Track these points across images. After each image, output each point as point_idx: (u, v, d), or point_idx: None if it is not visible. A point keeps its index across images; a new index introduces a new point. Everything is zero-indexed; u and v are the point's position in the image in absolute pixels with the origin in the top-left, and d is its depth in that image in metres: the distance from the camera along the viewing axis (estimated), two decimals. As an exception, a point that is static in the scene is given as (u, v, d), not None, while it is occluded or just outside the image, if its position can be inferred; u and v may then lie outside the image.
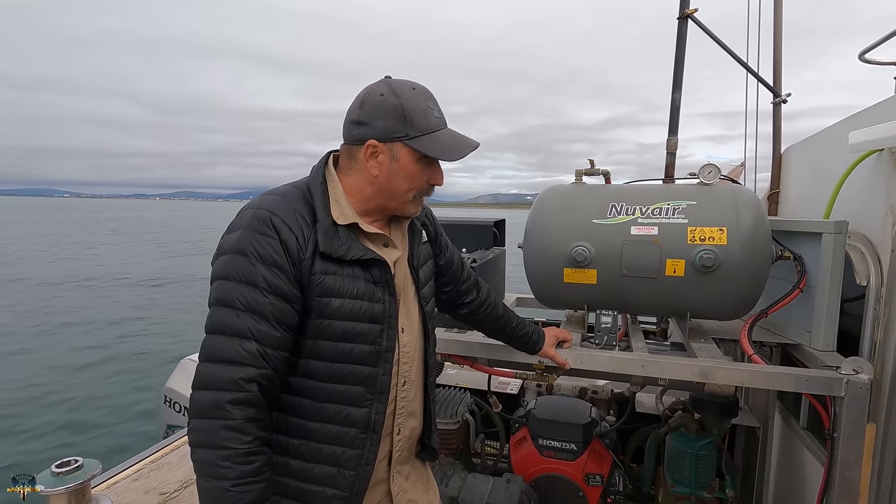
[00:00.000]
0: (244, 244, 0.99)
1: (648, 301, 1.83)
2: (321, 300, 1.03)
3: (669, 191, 1.83)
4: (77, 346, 9.60)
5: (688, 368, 1.59)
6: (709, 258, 1.64)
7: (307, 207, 1.06)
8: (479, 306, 1.49)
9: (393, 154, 1.07)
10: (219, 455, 0.92)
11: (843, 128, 2.02)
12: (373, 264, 1.08)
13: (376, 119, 1.05)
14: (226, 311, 0.97)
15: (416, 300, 1.21)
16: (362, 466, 1.09)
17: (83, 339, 10.13)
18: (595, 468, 2.13)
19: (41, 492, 1.45)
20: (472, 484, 2.06)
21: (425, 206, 1.35)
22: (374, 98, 1.06)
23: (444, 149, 1.07)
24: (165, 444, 2.20)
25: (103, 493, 1.80)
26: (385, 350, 1.10)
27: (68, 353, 9.22)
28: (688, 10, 2.43)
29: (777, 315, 1.84)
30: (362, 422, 1.08)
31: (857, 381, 1.44)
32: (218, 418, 0.93)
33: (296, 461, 1.08)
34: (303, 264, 1.01)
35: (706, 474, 2.03)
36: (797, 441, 2.13)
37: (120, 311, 12.75)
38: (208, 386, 0.96)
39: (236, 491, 0.92)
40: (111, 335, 10.50)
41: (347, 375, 1.07)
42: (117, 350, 9.47)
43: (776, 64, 2.59)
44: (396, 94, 1.05)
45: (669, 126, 2.48)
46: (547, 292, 1.96)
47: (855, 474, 1.47)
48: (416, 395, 1.22)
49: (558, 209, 1.89)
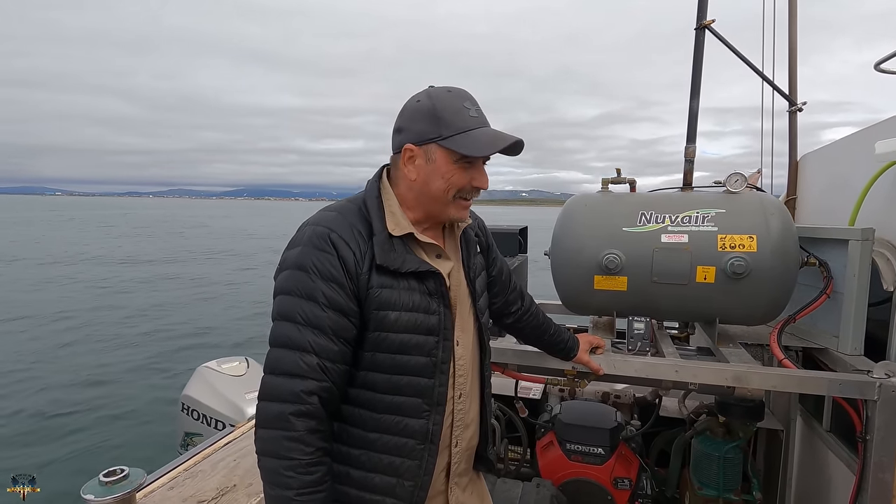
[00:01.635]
0: (304, 260, 1.02)
1: (678, 307, 1.87)
2: (378, 313, 1.05)
3: (697, 199, 1.87)
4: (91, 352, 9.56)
5: (721, 373, 1.62)
6: (740, 265, 1.68)
7: (363, 222, 1.08)
8: (522, 315, 1.51)
9: (428, 156, 1.07)
10: (283, 465, 0.96)
11: (862, 137, 2.07)
12: (428, 276, 1.10)
13: (412, 124, 1.08)
14: (287, 325, 1.01)
15: (471, 312, 1.22)
16: (421, 477, 1.10)
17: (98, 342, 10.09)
18: (623, 472, 2.16)
19: (91, 501, 1.46)
20: (501, 489, 2.09)
21: (478, 218, 1.36)
22: (411, 104, 1.09)
23: (479, 145, 1.05)
24: (196, 451, 2.21)
25: (141, 501, 1.81)
26: (441, 361, 1.11)
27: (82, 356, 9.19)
28: (705, 21, 2.47)
29: (802, 320, 1.87)
30: (420, 432, 1.09)
31: (890, 384, 1.47)
32: (282, 429, 0.97)
33: (356, 471, 1.09)
34: (360, 279, 1.03)
35: (733, 477, 2.06)
36: (820, 443, 2.16)
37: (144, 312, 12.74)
38: (273, 398, 0.99)
39: (299, 500, 0.96)
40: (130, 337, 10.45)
41: (405, 387, 1.08)
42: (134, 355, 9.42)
43: (791, 72, 2.64)
44: (431, 97, 1.07)
45: (688, 134, 2.52)
46: (576, 299, 2.00)
47: (888, 476, 1.50)
48: (473, 406, 1.23)
49: (588, 217, 1.93)
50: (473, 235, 1.28)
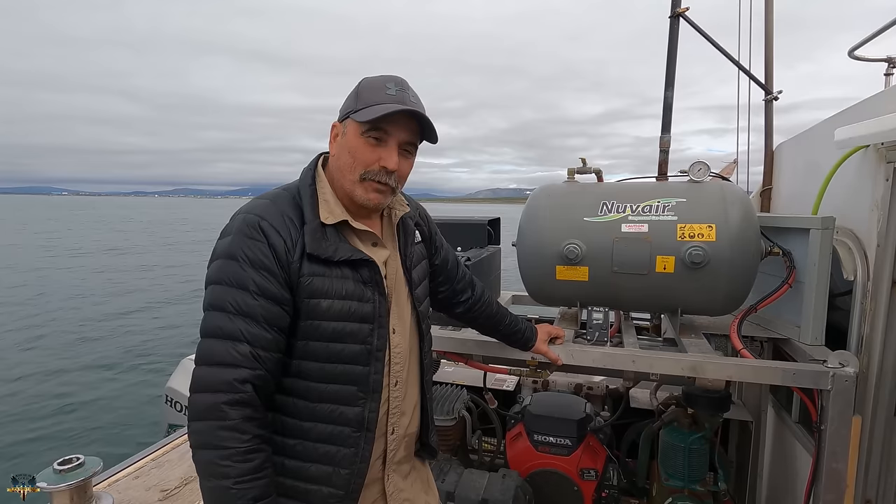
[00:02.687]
0: (234, 249, 1.01)
1: (640, 297, 1.86)
2: (310, 301, 1.04)
3: (660, 188, 1.85)
4: (77, 344, 9.66)
5: (677, 363, 1.62)
6: (698, 254, 1.66)
7: (296, 210, 1.08)
8: (473, 305, 1.51)
9: (344, 130, 1.10)
10: (219, 455, 0.94)
11: (832, 124, 2.04)
12: (362, 264, 1.09)
13: (343, 106, 1.12)
14: (218, 315, 1.00)
15: (408, 300, 1.22)
16: (357, 464, 1.10)
17: (84, 337, 10.18)
18: (589, 463, 2.16)
19: (43, 489, 1.47)
20: (468, 479, 2.09)
21: (420, 207, 1.36)
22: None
23: (372, 111, 1.02)
24: (166, 442, 2.23)
25: (105, 490, 1.83)
26: (376, 349, 1.10)
27: (67, 350, 9.28)
28: (679, 8, 2.45)
29: (767, 310, 1.86)
30: (356, 420, 1.09)
31: (843, 374, 1.47)
32: (216, 419, 0.95)
33: (292, 460, 1.09)
34: (291, 267, 1.03)
35: (699, 468, 2.06)
36: (789, 435, 2.15)
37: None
38: (205, 388, 0.98)
39: (238, 489, 0.94)
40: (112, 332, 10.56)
41: (339, 375, 1.08)
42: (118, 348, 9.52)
43: (767, 61, 2.61)
44: (362, 81, 1.10)
45: (662, 124, 2.50)
46: (540, 289, 1.99)
47: (842, 465, 1.49)
48: (410, 394, 1.23)
49: (551, 207, 1.91)
50: (413, 224, 1.28)
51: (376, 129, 1.05)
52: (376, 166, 1.08)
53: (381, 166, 1.08)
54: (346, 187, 1.10)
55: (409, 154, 1.14)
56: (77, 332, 10.58)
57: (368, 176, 1.08)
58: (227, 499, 0.94)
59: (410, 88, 1.09)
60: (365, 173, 1.08)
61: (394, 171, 1.08)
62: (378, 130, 1.06)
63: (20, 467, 5.03)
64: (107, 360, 8.87)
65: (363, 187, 1.09)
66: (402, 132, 1.08)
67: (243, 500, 0.94)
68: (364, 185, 1.09)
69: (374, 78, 1.10)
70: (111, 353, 9.25)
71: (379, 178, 1.08)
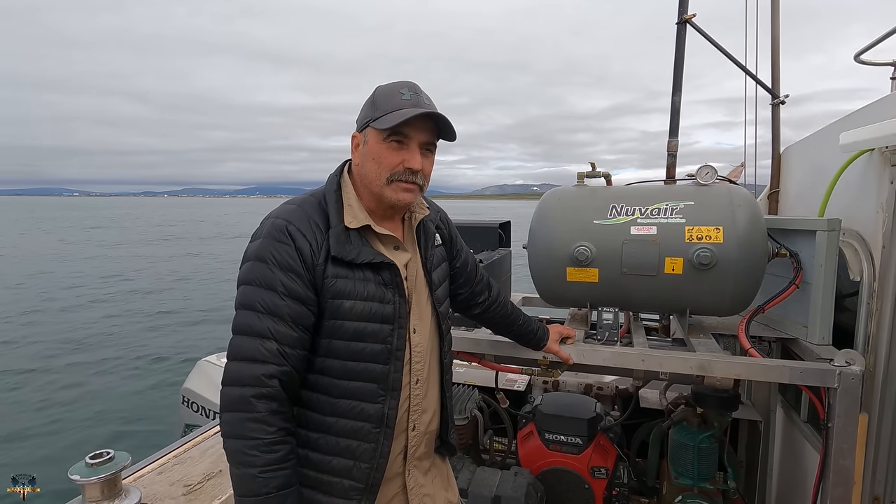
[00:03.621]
0: (263, 252, 1.08)
1: (649, 298, 1.90)
2: (333, 302, 1.10)
3: (668, 192, 1.89)
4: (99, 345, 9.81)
5: (685, 362, 1.65)
6: (705, 256, 1.70)
7: (321, 215, 1.14)
8: (490, 306, 1.55)
9: (365, 140, 1.15)
10: (246, 445, 1.01)
11: (839, 127, 2.07)
12: (383, 267, 1.14)
13: (359, 115, 1.17)
14: (248, 314, 1.06)
15: (429, 302, 1.27)
16: (377, 459, 1.15)
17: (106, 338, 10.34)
18: (600, 461, 2.19)
19: (76, 481, 1.54)
20: (480, 476, 2.14)
21: (441, 210, 1.41)
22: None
23: (393, 118, 1.07)
24: (188, 440, 2.29)
25: (132, 484, 1.90)
26: (396, 349, 1.15)
27: (90, 351, 9.44)
28: (686, 15, 2.49)
29: (775, 310, 1.90)
30: (376, 417, 1.14)
31: (850, 372, 1.50)
32: (244, 411, 1.02)
33: (315, 453, 1.15)
34: (316, 269, 1.09)
35: (708, 467, 2.09)
36: (798, 434, 2.18)
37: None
38: (235, 382, 1.04)
39: (263, 477, 1.00)
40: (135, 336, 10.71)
41: (360, 373, 1.13)
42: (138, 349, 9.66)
43: (774, 65, 2.64)
44: (376, 89, 1.16)
45: (670, 128, 2.54)
46: (551, 291, 2.04)
47: (849, 462, 1.52)
48: (431, 392, 1.27)
49: (561, 210, 1.96)
50: (434, 227, 1.33)
51: (397, 133, 1.11)
52: (401, 168, 1.13)
53: (406, 167, 1.13)
54: (375, 191, 1.15)
55: (430, 153, 1.19)
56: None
57: (395, 177, 1.13)
58: (253, 485, 1.00)
59: (423, 91, 1.15)
60: (391, 176, 1.13)
61: (419, 170, 1.14)
62: (399, 135, 1.11)
63: (43, 465, 5.14)
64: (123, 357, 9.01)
65: (392, 189, 1.14)
66: (421, 134, 1.13)
67: (267, 488, 1.00)
68: (392, 186, 1.14)
69: (387, 86, 1.15)
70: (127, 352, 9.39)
71: (405, 178, 1.14)
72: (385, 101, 1.12)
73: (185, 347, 9.86)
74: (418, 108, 1.10)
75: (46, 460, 5.30)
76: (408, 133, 1.12)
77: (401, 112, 1.08)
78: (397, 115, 1.08)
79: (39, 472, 1.67)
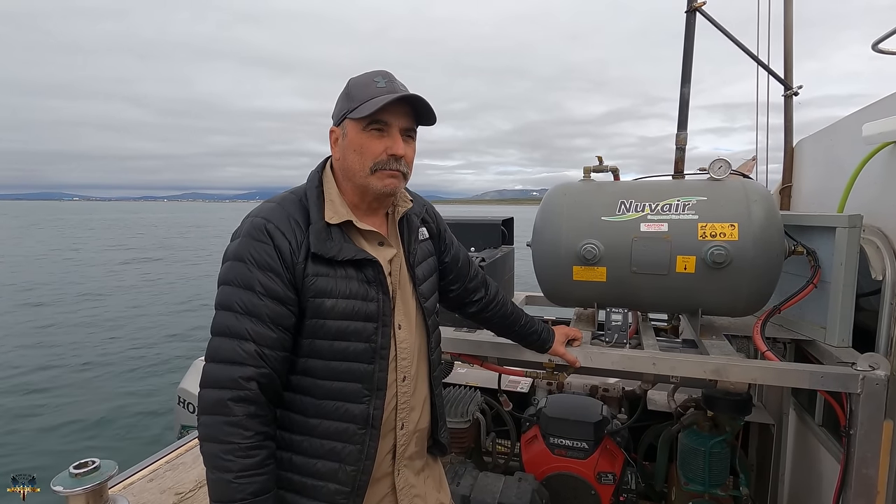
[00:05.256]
0: (242, 251, 1.04)
1: (659, 298, 1.82)
2: (315, 301, 1.06)
3: (679, 186, 1.81)
4: (89, 347, 9.76)
5: (700, 366, 1.58)
6: (720, 254, 1.62)
7: (302, 212, 1.10)
8: (487, 304, 1.49)
9: (343, 132, 1.11)
10: (222, 449, 0.97)
11: (855, 120, 1.99)
12: (366, 264, 1.11)
13: (334, 109, 1.14)
14: (227, 315, 1.03)
15: (413, 297, 1.22)
16: (363, 461, 1.11)
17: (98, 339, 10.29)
18: (607, 466, 2.12)
19: (60, 492, 1.47)
20: (483, 482, 2.06)
21: (427, 204, 1.36)
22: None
23: (372, 104, 1.05)
24: (180, 444, 2.23)
25: (120, 493, 1.82)
26: (381, 347, 1.12)
27: (81, 352, 9.38)
28: (696, 3, 2.40)
29: (791, 311, 1.81)
30: (361, 417, 1.10)
31: (874, 377, 1.42)
32: (221, 414, 0.98)
33: (298, 456, 1.11)
34: (296, 267, 1.05)
35: (719, 472, 2.01)
36: (812, 438, 2.10)
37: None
38: (212, 384, 1.01)
39: (238, 483, 0.97)
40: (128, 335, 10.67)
41: (344, 373, 1.09)
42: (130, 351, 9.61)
43: (787, 56, 2.55)
44: (349, 81, 1.13)
45: (679, 121, 2.46)
46: (556, 290, 1.96)
47: (872, 471, 1.45)
48: (418, 390, 1.23)
49: (567, 206, 1.88)
50: (419, 221, 1.28)
51: (377, 121, 1.07)
52: (384, 156, 1.09)
53: (390, 154, 1.10)
54: (359, 182, 1.12)
55: (411, 139, 1.15)
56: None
57: (379, 166, 1.10)
58: (227, 491, 0.97)
59: (397, 79, 1.12)
60: (375, 165, 1.09)
61: (402, 156, 1.11)
62: (379, 122, 1.08)
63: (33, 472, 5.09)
64: (115, 359, 8.96)
65: (377, 178, 1.11)
66: (401, 119, 1.10)
67: (242, 494, 0.97)
68: (377, 175, 1.10)
69: (360, 76, 1.13)
70: (119, 354, 9.34)
71: (389, 165, 1.10)
72: (360, 90, 1.09)
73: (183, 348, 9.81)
74: (395, 93, 1.07)
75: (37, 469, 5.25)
76: (387, 120, 1.09)
77: (378, 99, 1.05)
78: (375, 102, 1.05)
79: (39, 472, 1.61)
